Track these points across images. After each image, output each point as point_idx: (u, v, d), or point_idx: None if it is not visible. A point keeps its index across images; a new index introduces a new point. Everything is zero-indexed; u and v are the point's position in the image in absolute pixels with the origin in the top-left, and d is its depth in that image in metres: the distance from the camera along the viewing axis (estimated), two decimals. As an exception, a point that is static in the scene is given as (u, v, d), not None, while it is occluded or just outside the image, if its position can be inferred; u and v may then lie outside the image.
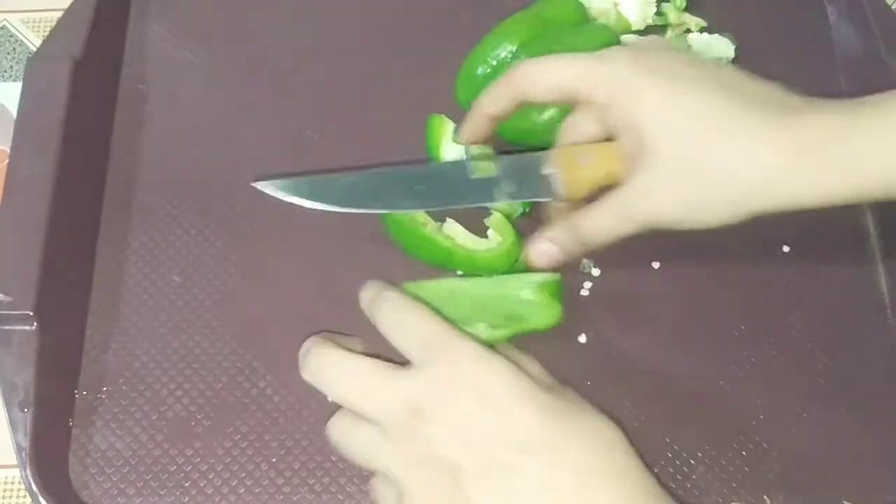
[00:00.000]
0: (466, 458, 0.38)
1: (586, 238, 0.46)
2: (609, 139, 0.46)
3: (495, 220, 0.52)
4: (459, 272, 0.52)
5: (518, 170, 0.47)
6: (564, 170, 0.46)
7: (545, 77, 0.46)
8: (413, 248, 0.52)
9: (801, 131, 0.41)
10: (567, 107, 0.52)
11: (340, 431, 0.41)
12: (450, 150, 0.54)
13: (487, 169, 0.47)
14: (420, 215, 0.51)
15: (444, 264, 0.52)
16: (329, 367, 0.41)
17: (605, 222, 0.45)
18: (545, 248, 0.46)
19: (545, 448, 0.38)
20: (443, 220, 0.52)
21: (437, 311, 0.42)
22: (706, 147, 0.42)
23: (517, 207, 0.53)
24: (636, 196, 0.44)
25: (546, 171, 0.46)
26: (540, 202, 0.50)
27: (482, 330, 0.45)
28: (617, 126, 0.45)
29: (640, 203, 0.44)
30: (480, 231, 0.52)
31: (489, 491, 0.37)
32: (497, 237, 0.52)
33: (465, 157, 0.53)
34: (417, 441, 0.38)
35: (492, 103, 0.48)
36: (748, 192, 0.42)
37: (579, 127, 0.47)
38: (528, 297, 0.48)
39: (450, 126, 0.54)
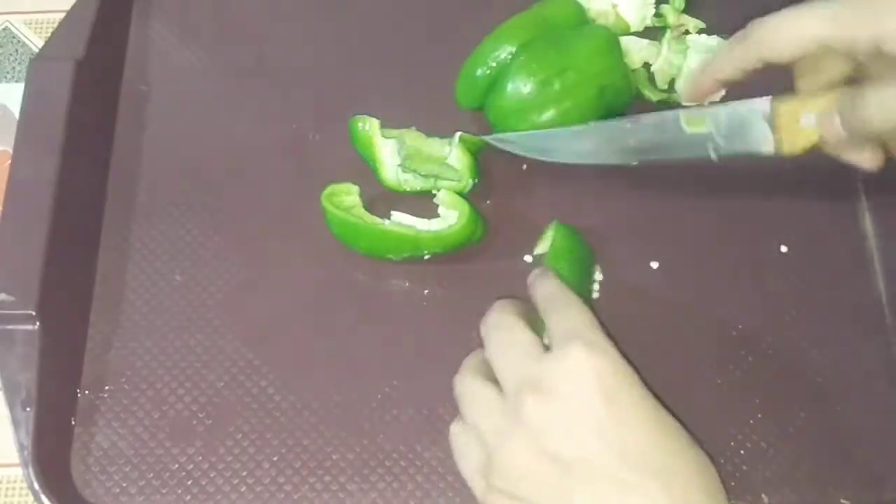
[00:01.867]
0: (572, 453, 0.38)
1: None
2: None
3: (445, 198, 0.53)
4: (427, 255, 0.52)
5: (733, 126, 0.46)
6: (783, 128, 0.44)
7: (791, 34, 0.42)
8: (378, 248, 0.52)
9: None
10: (566, 108, 0.53)
11: (470, 388, 0.43)
12: (384, 146, 0.54)
13: (700, 123, 0.46)
14: (361, 216, 0.52)
15: (412, 252, 0.52)
16: (499, 325, 0.43)
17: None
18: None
19: (660, 475, 0.37)
20: (387, 216, 0.53)
21: None
22: None
23: (468, 182, 0.53)
24: None
25: (763, 129, 0.44)
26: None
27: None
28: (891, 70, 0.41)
29: None
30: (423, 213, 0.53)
31: (591, 496, 0.37)
32: (451, 212, 0.52)
33: (398, 152, 0.53)
34: (527, 415, 0.39)
35: (726, 68, 0.45)
36: None
37: (821, 71, 0.44)
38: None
39: (375, 123, 0.54)
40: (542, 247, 0.53)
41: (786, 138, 0.44)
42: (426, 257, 0.52)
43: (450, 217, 0.52)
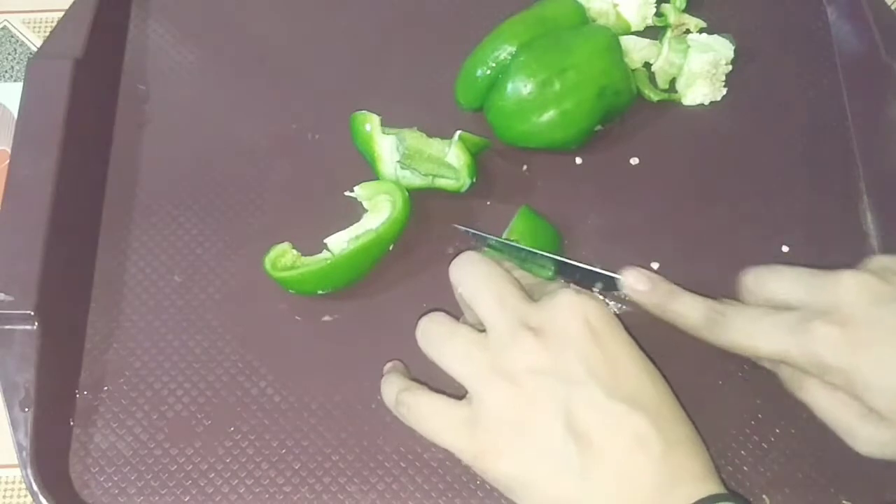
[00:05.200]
0: (563, 390, 0.39)
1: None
2: None
3: (363, 192, 0.53)
4: (391, 247, 0.52)
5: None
6: None
7: (749, 345, 0.45)
8: (352, 274, 0.52)
9: None
10: (566, 108, 0.53)
11: (439, 332, 0.43)
12: (383, 142, 0.54)
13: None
14: (311, 263, 0.51)
15: (380, 254, 0.52)
16: (481, 270, 0.44)
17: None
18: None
19: (648, 410, 0.39)
20: (320, 250, 0.53)
21: None
22: None
23: (466, 181, 0.53)
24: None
25: None
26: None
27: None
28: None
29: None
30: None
31: (582, 432, 0.38)
32: (379, 199, 0.52)
33: (396, 148, 0.53)
34: (519, 352, 0.40)
35: (690, 325, 0.47)
36: None
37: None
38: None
39: (376, 120, 0.54)
40: (506, 232, 0.53)
41: None
42: (391, 248, 0.52)
43: (382, 203, 0.52)
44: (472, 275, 0.45)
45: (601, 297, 0.51)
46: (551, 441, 0.39)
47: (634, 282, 0.48)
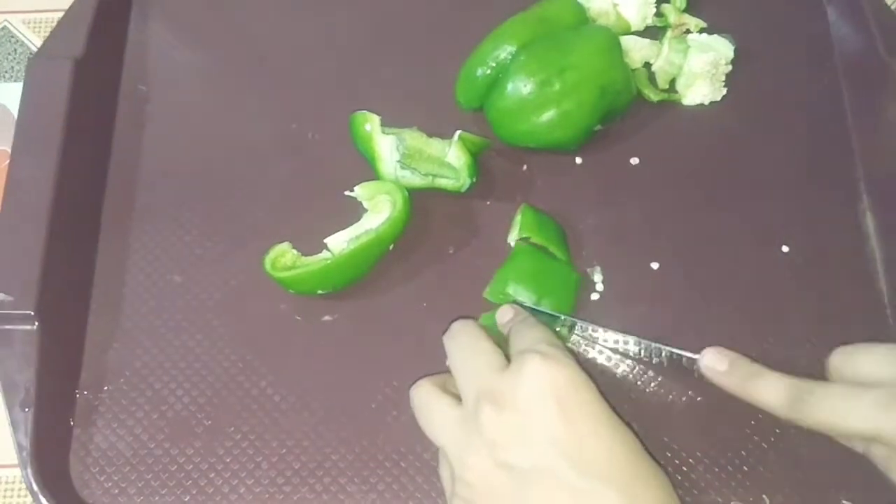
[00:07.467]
0: (529, 463, 0.38)
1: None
2: None
3: (363, 192, 0.53)
4: (391, 246, 0.52)
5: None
6: None
7: (841, 425, 0.42)
8: (352, 274, 0.52)
9: None
10: (566, 108, 0.53)
11: (423, 402, 0.43)
12: (383, 142, 0.54)
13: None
14: (311, 263, 0.51)
15: (381, 253, 0.52)
16: (463, 335, 0.44)
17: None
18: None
19: (615, 482, 0.38)
20: (320, 250, 0.53)
21: None
22: None
23: (466, 181, 0.53)
24: None
25: None
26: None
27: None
28: None
29: None
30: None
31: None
32: (379, 199, 0.52)
33: (396, 148, 0.53)
34: (485, 425, 0.39)
35: (773, 407, 0.44)
36: None
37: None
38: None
39: (376, 120, 0.54)
40: (514, 231, 0.53)
41: None
42: (391, 248, 0.52)
43: (382, 203, 0.52)
44: (452, 346, 0.44)
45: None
46: None
47: (713, 362, 0.46)
